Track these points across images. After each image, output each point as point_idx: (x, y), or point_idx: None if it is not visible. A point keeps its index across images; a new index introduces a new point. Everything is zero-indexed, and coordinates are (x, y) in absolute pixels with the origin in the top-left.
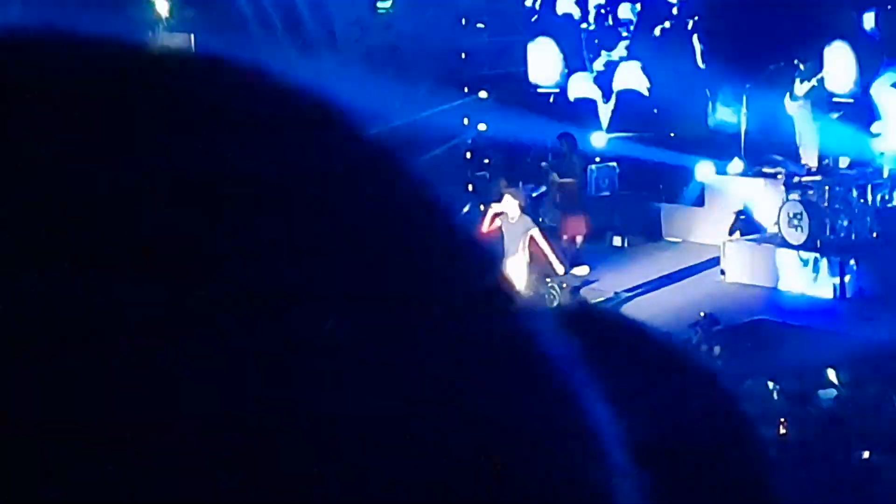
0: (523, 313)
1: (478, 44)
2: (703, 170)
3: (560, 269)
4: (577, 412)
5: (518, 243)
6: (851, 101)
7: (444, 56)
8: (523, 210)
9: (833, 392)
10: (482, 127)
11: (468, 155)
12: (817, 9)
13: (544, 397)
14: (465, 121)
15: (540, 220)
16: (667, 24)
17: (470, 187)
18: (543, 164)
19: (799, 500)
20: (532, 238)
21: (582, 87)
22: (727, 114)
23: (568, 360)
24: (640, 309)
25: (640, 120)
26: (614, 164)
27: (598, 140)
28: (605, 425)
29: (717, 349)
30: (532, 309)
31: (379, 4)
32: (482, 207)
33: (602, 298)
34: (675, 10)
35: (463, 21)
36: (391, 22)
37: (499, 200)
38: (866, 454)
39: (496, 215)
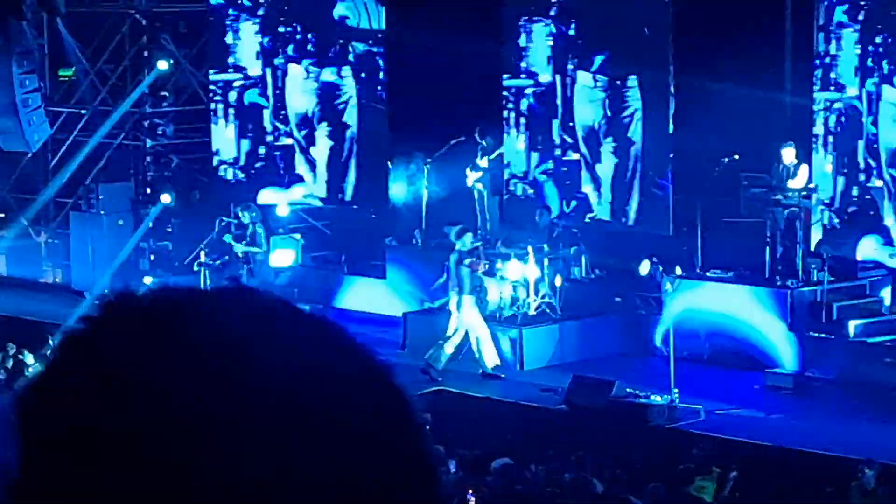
0: None
1: None
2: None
3: None
4: None
5: None
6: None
7: None
8: None
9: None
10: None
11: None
12: (498, 84)
13: None
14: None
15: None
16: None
17: None
18: (226, 235)
19: None
20: None
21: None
22: (408, 187)
23: None
24: None
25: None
26: (298, 235)
27: (283, 210)
28: None
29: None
30: None
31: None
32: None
33: None
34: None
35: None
36: None
37: None
38: None
39: None
